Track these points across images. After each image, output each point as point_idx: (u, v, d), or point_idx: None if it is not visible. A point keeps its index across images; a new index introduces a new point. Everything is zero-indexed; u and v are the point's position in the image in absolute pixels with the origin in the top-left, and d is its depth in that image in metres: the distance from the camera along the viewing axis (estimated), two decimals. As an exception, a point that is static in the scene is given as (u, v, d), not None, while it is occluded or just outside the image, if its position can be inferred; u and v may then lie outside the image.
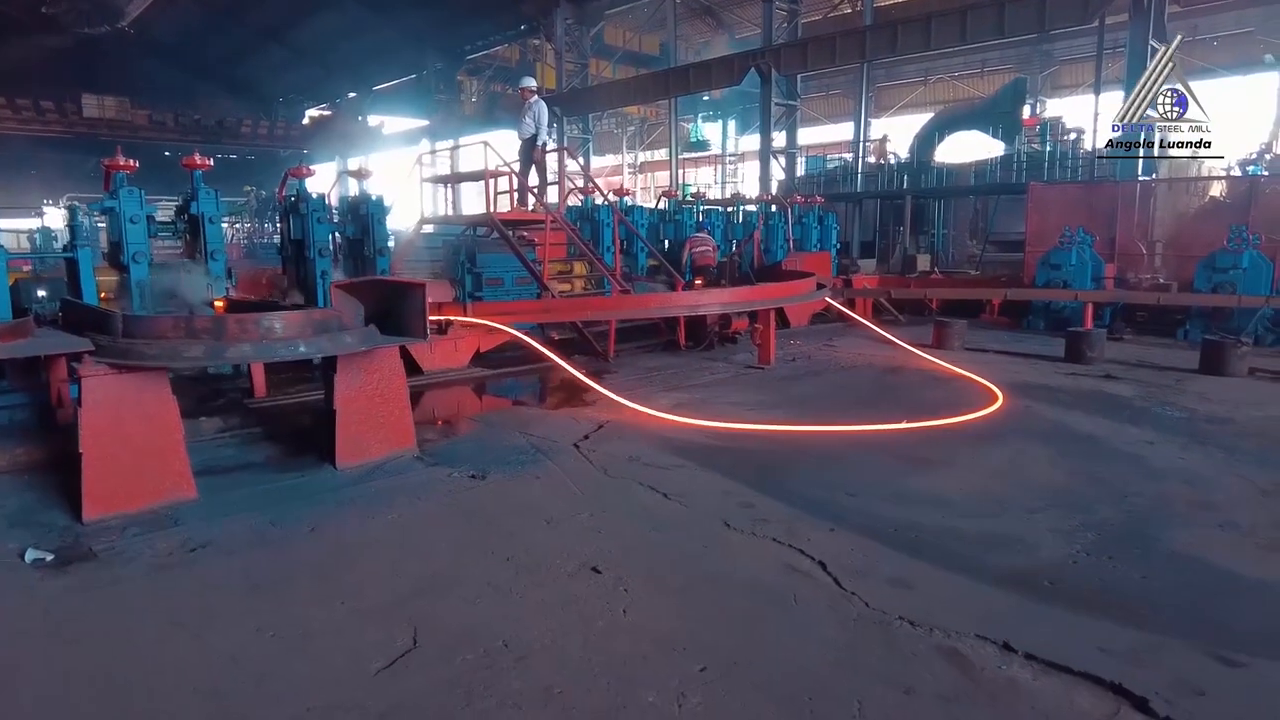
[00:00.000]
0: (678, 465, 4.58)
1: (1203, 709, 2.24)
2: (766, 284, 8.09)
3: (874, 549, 3.38)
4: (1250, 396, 6.59)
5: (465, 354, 7.46)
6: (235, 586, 3.15)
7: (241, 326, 3.98)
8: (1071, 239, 11.20)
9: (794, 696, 2.33)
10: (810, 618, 2.83)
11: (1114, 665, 2.45)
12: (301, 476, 4.50)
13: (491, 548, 3.45)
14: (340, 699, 2.35)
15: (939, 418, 5.58)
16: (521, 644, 2.63)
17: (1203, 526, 3.68)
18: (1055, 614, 2.83)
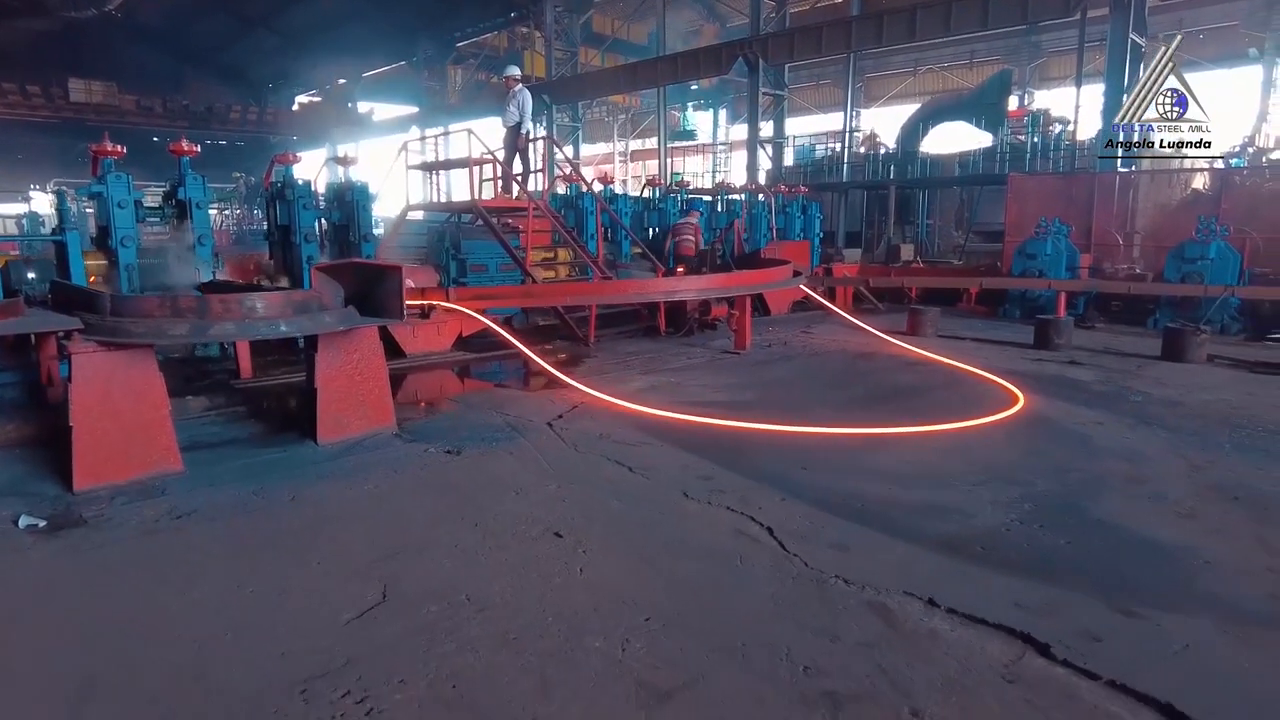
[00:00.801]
0: (644, 442, 4.79)
1: (1096, 653, 2.47)
2: (742, 271, 8.27)
3: (820, 517, 3.61)
4: (1204, 381, 6.84)
5: (448, 338, 7.64)
6: (218, 549, 3.34)
7: (225, 306, 4.15)
8: (1047, 229, 11.44)
9: (728, 643, 2.55)
10: (753, 577, 3.05)
11: (1026, 618, 2.68)
12: (284, 451, 4.69)
13: (461, 516, 3.66)
14: (311, 646, 2.55)
15: (904, 407, 5.80)
16: (483, 598, 2.84)
17: (1132, 498, 3.92)
18: (980, 574, 3.05)
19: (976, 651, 2.50)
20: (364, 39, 27.15)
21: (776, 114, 20.21)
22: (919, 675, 2.37)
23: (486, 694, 2.28)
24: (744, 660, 2.45)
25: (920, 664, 2.43)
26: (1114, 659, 2.43)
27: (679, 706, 2.22)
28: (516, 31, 27.37)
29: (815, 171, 21.84)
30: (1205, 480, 4.20)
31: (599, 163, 39.01)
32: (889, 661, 2.44)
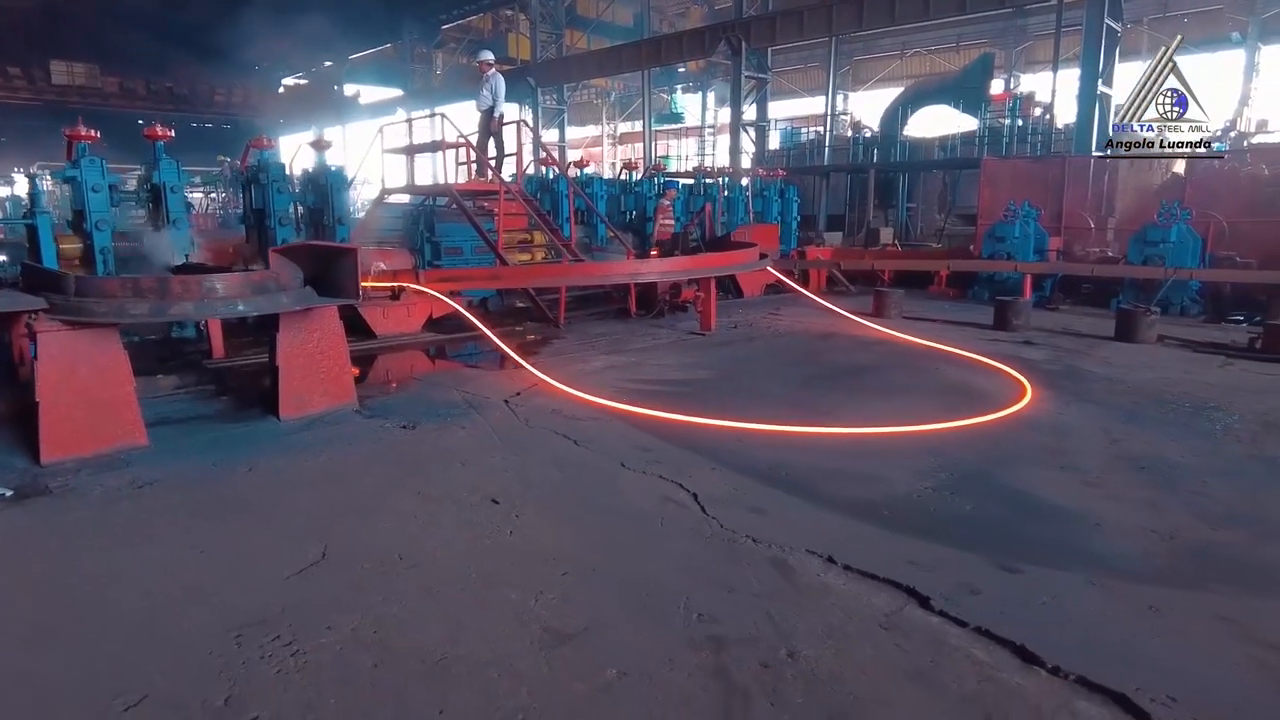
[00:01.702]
0: (594, 418, 5.00)
1: (972, 604, 2.70)
2: (707, 254, 8.45)
3: (745, 484, 3.83)
4: (1149, 360, 7.08)
5: (418, 320, 7.81)
6: (175, 515, 3.54)
7: (184, 287, 4.33)
8: (1015, 212, 11.63)
9: (635, 593, 2.78)
10: (671, 537, 3.27)
11: (915, 574, 2.91)
12: (247, 427, 4.88)
13: (407, 484, 3.87)
14: (252, 599, 2.76)
15: (849, 382, 6.01)
16: (414, 557, 3.06)
17: (1046, 468, 4.15)
18: (882, 536, 3.28)
19: (862, 603, 2.73)
20: (350, 21, 26.98)
21: (759, 97, 20.31)
22: (803, 623, 2.59)
23: (403, 638, 2.50)
24: (645, 609, 2.68)
25: (807, 613, 2.66)
26: (986, 609, 2.66)
27: (575, 647, 2.44)
28: (501, 14, 27.30)
29: (799, 155, 21.95)
30: (1120, 452, 4.44)
31: (588, 145, 39.00)
32: (778, 611, 2.66)
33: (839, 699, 2.19)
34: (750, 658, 2.38)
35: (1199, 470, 4.12)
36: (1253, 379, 6.39)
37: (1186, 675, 2.31)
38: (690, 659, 2.38)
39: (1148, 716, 2.11)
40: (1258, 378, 6.45)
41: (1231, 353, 7.47)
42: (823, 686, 2.25)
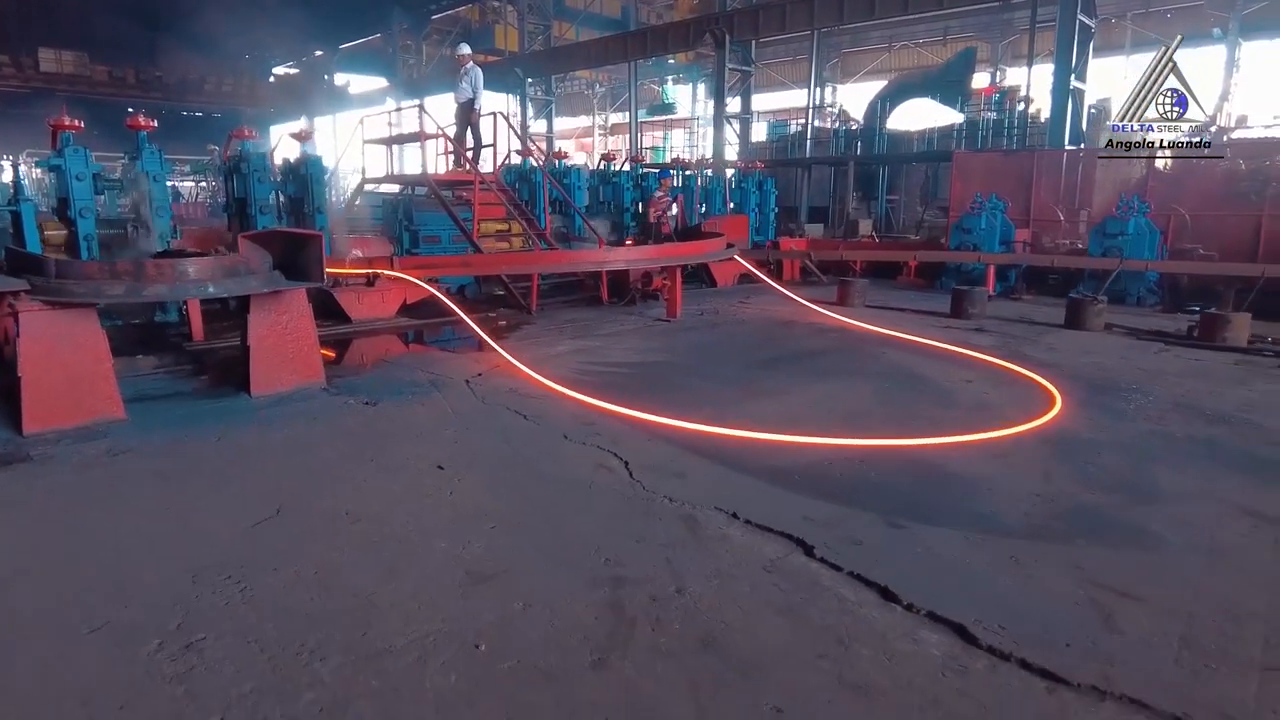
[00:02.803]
0: (546, 396, 5.32)
1: (852, 553, 3.02)
2: (673, 243, 8.75)
3: (675, 453, 4.16)
4: (1091, 347, 7.43)
5: (393, 305, 8.09)
6: (145, 479, 3.85)
7: (158, 269, 4.63)
8: (981, 205, 11.94)
9: (552, 544, 3.10)
10: (597, 498, 3.60)
11: (807, 528, 3.23)
12: (220, 403, 5.19)
13: (363, 454, 4.18)
14: (210, 548, 3.07)
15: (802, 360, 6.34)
16: (359, 514, 3.38)
17: (928, 439, 4.48)
18: (789, 497, 3.61)
19: (753, 551, 3.06)
20: (340, 10, 27.10)
21: (743, 90, 20.53)
22: (697, 567, 2.92)
23: (339, 579, 2.82)
24: (559, 557, 3.00)
25: (702, 559, 2.99)
26: (863, 558, 2.99)
27: (491, 586, 2.77)
28: (489, 5, 27.42)
29: (782, 148, 22.22)
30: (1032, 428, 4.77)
31: (579, 135, 39.20)
32: (677, 557, 2.99)
33: (711, 626, 2.52)
34: (643, 594, 2.71)
35: (1100, 445, 4.46)
36: (1182, 364, 6.74)
37: (1023, 610, 2.64)
38: (590, 595, 2.71)
39: (976, 640, 2.44)
40: (1187, 363, 6.80)
41: (1170, 340, 7.83)
42: (700, 616, 2.57)
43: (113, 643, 2.42)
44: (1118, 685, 2.22)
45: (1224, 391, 5.76)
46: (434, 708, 2.11)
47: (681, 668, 2.30)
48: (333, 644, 2.40)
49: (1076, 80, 15.17)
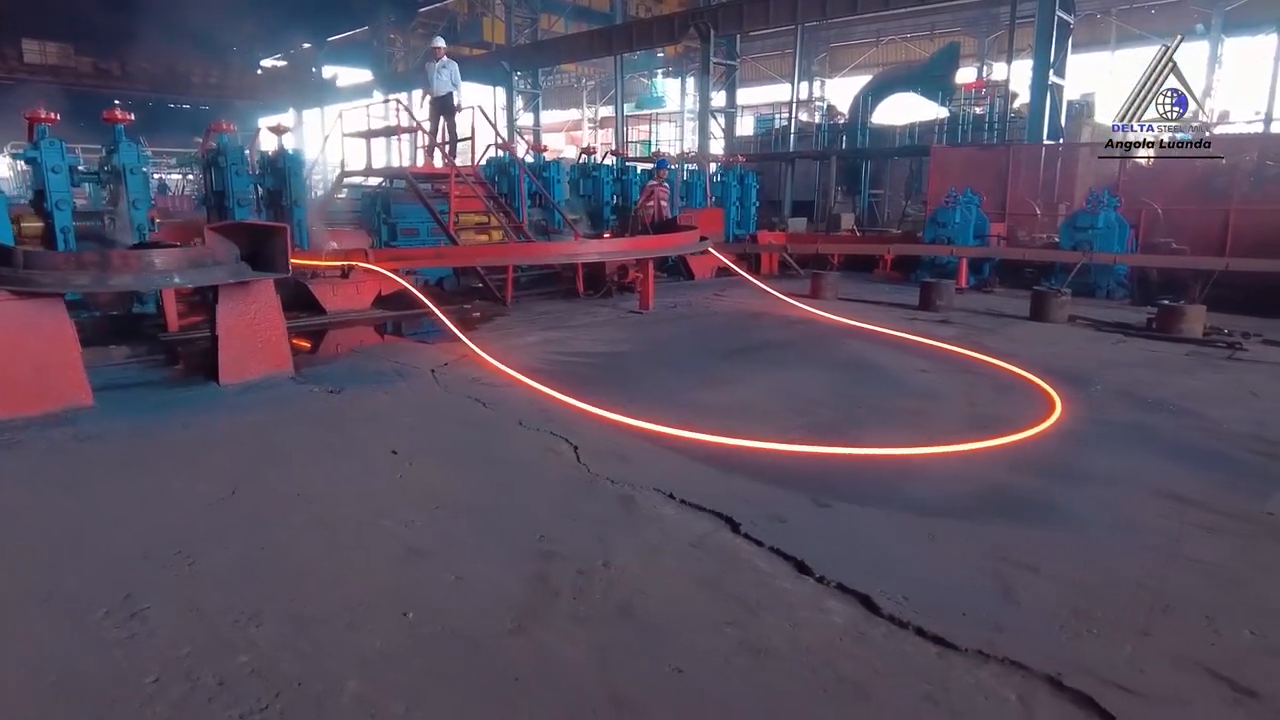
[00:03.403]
0: (508, 384, 5.46)
1: (775, 530, 3.17)
2: (645, 236, 8.88)
3: (622, 438, 4.30)
4: (1052, 338, 7.60)
5: (367, 297, 8.17)
6: (111, 463, 3.98)
7: (124, 260, 4.74)
8: (955, 198, 12.10)
9: (493, 523, 3.25)
10: (543, 480, 3.74)
11: (737, 506, 3.38)
12: (189, 391, 5.31)
13: (322, 439, 4.32)
14: (166, 527, 3.20)
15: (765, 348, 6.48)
16: (311, 495, 3.51)
17: (899, 427, 4.64)
18: (725, 478, 3.75)
19: (683, 528, 3.21)
20: (328, 2, 27.04)
21: (728, 84, 20.63)
22: (627, 543, 3.07)
23: (285, 554, 2.96)
24: (497, 533, 3.15)
25: (633, 535, 3.14)
26: (785, 534, 3.14)
27: (428, 560, 2.91)
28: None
29: (766, 142, 22.34)
30: (975, 414, 4.94)
31: (569, 129, 39.23)
32: (610, 534, 3.14)
33: (631, 595, 2.67)
34: (571, 567, 2.86)
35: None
36: (1135, 354, 6.92)
37: (929, 582, 2.80)
38: (522, 568, 2.85)
39: (879, 609, 2.59)
40: (1141, 353, 6.98)
41: (1130, 331, 8.00)
42: (621, 587, 2.72)
43: (60, 611, 2.56)
44: (1002, 649, 2.37)
45: (1169, 380, 5.93)
46: (357, 668, 2.25)
47: (595, 633, 2.45)
48: (269, 613, 2.54)
49: (1055, 75, 15.32)
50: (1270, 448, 4.38)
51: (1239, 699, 2.19)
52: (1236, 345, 7.30)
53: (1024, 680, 2.24)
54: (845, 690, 2.19)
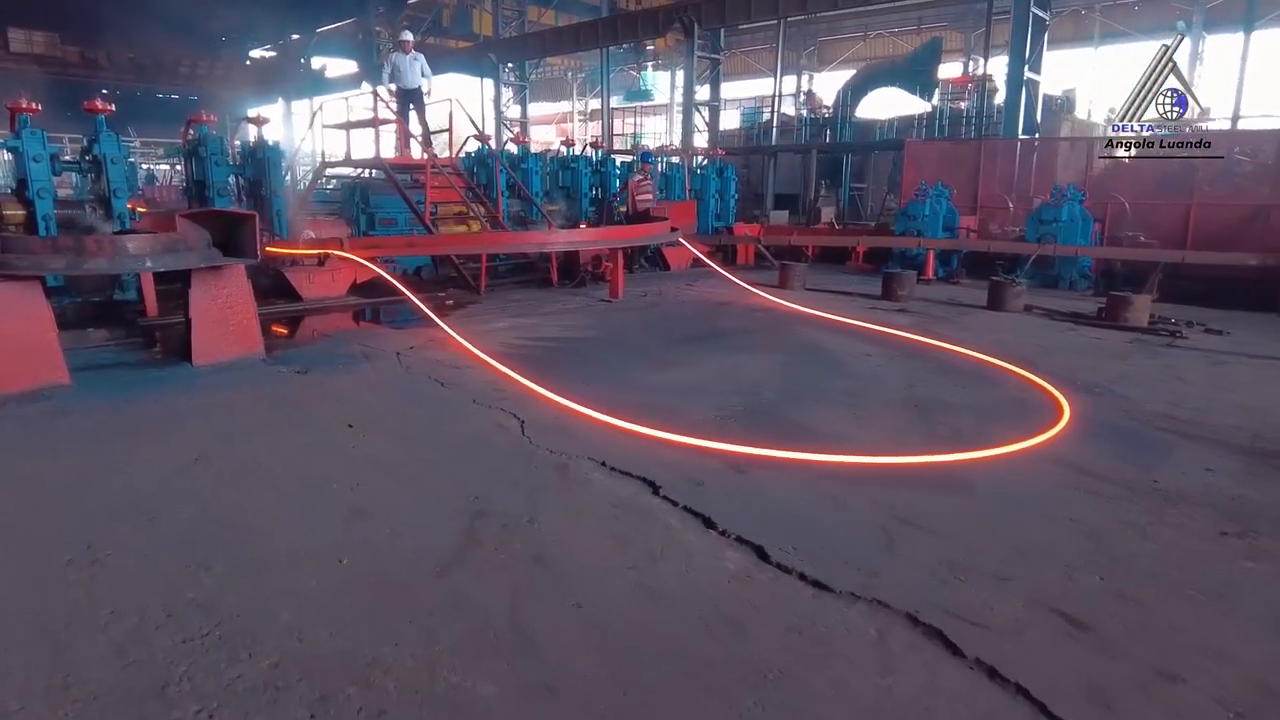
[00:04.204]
0: (470, 366, 5.72)
1: (692, 492, 3.45)
2: (619, 226, 9.13)
3: (568, 414, 4.57)
4: (1003, 326, 7.90)
5: (343, 284, 8.44)
6: (82, 435, 4.23)
7: (99, 245, 4.98)
8: (925, 191, 12.38)
9: (433, 487, 3.52)
10: (487, 451, 4.01)
11: (661, 473, 3.66)
12: (163, 372, 5.57)
13: (285, 415, 4.58)
14: (133, 490, 3.46)
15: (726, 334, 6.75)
16: (267, 464, 3.78)
17: (833, 405, 4.92)
18: (656, 449, 4.02)
19: (608, 491, 3.49)
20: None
21: (712, 78, 20.84)
22: (553, 504, 3.35)
23: (238, 513, 3.22)
24: (436, 496, 3.42)
25: (561, 497, 3.42)
26: (700, 496, 3.42)
27: (368, 519, 3.18)
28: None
29: (748, 135, 22.56)
30: (908, 395, 5.23)
31: (559, 120, 39.34)
32: (540, 497, 3.41)
33: (547, 546, 2.95)
34: (498, 523, 3.13)
35: (962, 408, 4.91)
36: (1080, 342, 7.23)
37: (822, 537, 3.08)
38: (453, 525, 3.13)
39: (769, 558, 2.88)
40: (1088, 340, 7.28)
41: (1081, 320, 8.31)
42: (539, 539, 3.00)
43: (28, 559, 2.82)
44: (872, 592, 2.66)
45: (1104, 365, 6.23)
46: (291, 604, 2.52)
47: (510, 577, 2.72)
48: (218, 561, 2.81)
49: (1031, 71, 15.57)
50: (1177, 425, 4.68)
51: (1071, 631, 2.48)
52: (1177, 334, 7.62)
53: (886, 617, 2.53)
54: (723, 623, 2.47)
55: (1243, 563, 3.01)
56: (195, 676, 2.16)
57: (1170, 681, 2.23)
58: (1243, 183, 12.55)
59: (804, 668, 2.25)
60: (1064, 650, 2.38)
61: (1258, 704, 2.15)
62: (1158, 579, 2.83)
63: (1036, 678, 2.20)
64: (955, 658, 2.31)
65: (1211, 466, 3.99)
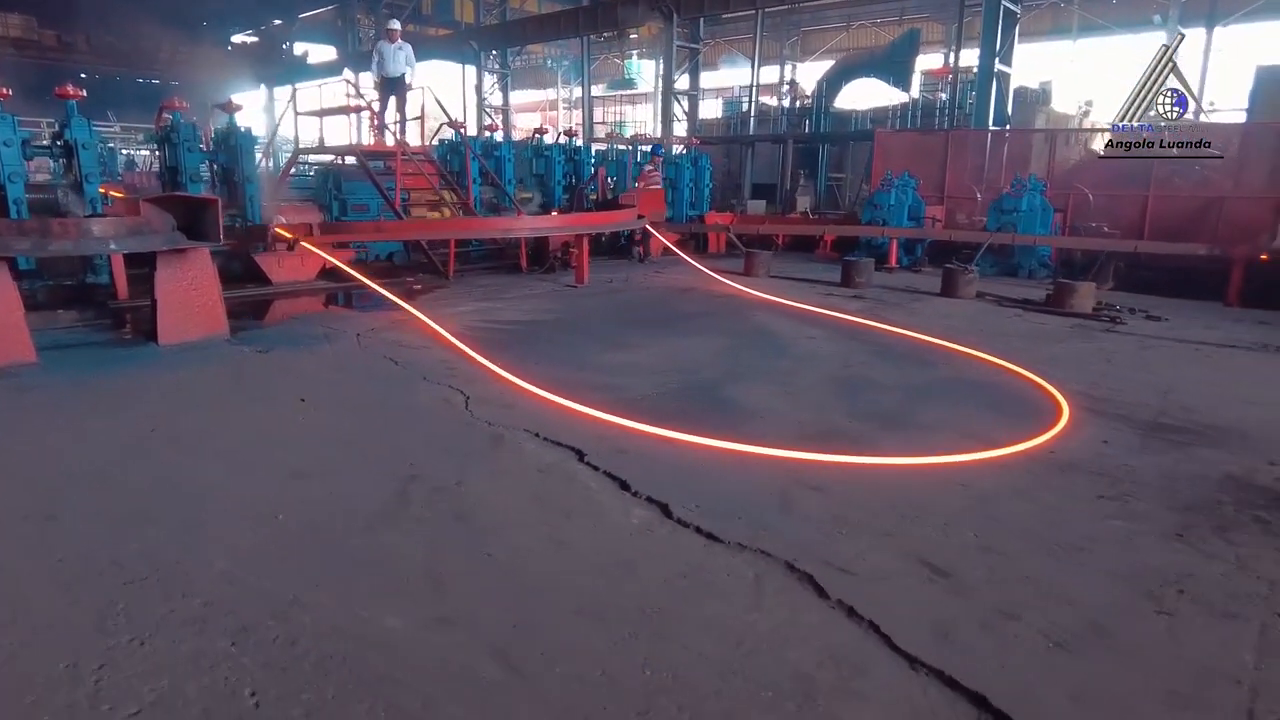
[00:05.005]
0: (425, 346, 5.96)
1: (615, 459, 3.70)
2: (581, 213, 9.35)
3: (513, 390, 4.82)
4: (952, 311, 8.18)
5: (312, 269, 8.64)
6: (46, 409, 4.44)
7: (63, 227, 5.17)
8: (890, 181, 12.64)
9: (373, 454, 3.76)
10: (430, 423, 4.26)
11: (591, 443, 3.91)
12: (129, 350, 5.78)
13: (242, 390, 4.81)
14: (91, 457, 3.69)
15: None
16: (219, 433, 4.01)
17: (768, 384, 5.18)
18: (590, 424, 4.28)
19: (537, 458, 3.74)
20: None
21: (691, 67, 20.99)
22: (484, 469, 3.60)
23: (185, 478, 3.46)
24: (374, 461, 3.67)
25: (490, 463, 3.67)
26: (623, 463, 3.67)
27: (306, 480, 3.43)
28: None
29: (738, 124, 22.75)
30: (840, 374, 5.50)
31: (544, 108, 39.37)
32: (472, 463, 3.66)
33: (471, 505, 3.20)
34: (429, 486, 3.38)
35: (887, 387, 5.19)
36: (1023, 326, 7.53)
37: (725, 498, 3.34)
38: (386, 487, 3.37)
39: (671, 514, 3.14)
40: (1031, 325, 7.59)
41: (1029, 307, 8.62)
42: (465, 500, 3.26)
43: (-15, 516, 3.05)
44: (758, 544, 2.92)
45: (1038, 348, 6.52)
46: (227, 554, 2.76)
47: (431, 531, 2.98)
48: (164, 517, 3.05)
49: (1001, 63, 15.82)
50: (1091, 402, 4.97)
51: (932, 577, 2.75)
52: (1118, 320, 7.94)
53: (765, 564, 2.80)
54: (618, 568, 2.74)
55: (1111, 522, 3.29)
56: (132, 612, 2.40)
57: (1008, 618, 2.51)
58: (1198, 175, 12.87)
59: (682, 605, 2.52)
60: (920, 593, 2.65)
61: (1081, 636, 2.43)
62: (1027, 535, 3.11)
63: (889, 615, 2.48)
64: (820, 599, 2.58)
65: (1109, 439, 4.28)
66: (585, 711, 2.00)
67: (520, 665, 2.18)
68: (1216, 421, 4.62)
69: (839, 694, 2.12)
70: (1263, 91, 14.07)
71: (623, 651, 2.26)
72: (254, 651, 2.21)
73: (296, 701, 2.01)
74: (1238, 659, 2.34)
